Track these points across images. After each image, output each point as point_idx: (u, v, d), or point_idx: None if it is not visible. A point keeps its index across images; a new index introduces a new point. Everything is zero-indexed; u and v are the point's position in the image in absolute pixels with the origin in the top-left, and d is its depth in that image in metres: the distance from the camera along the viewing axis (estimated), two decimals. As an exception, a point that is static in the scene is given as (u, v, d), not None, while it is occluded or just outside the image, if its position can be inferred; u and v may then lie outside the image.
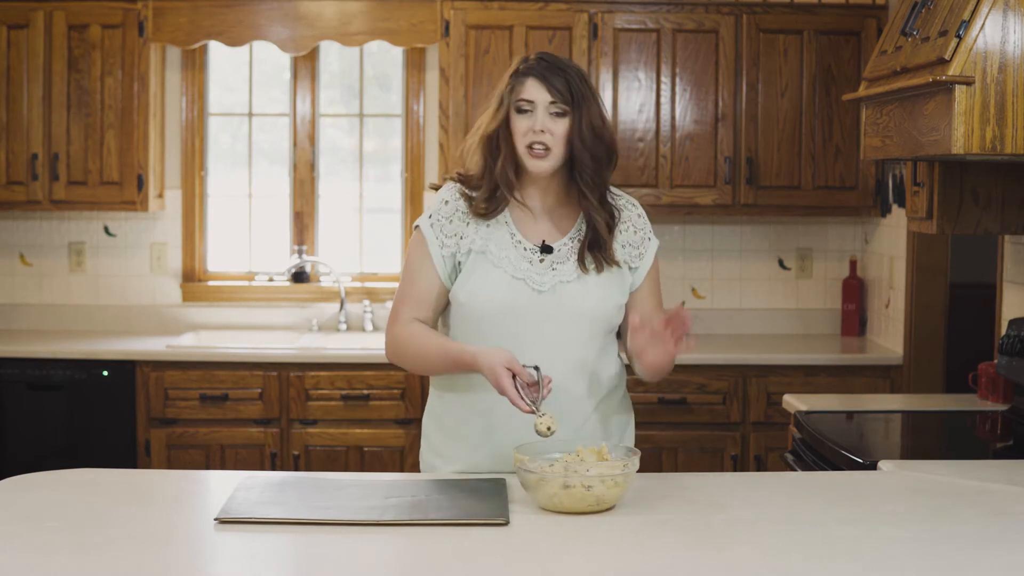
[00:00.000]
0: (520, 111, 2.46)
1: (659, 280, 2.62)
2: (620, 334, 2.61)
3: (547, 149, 2.45)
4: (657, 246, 2.60)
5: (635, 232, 2.56)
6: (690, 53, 4.71)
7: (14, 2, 4.68)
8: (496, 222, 2.50)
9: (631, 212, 2.58)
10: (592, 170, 2.48)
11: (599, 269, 2.49)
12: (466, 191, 2.51)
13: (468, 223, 2.49)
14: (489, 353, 2.33)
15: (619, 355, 2.61)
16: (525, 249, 2.48)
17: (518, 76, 2.47)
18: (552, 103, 2.44)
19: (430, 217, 2.52)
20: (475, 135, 2.54)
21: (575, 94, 2.45)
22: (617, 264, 2.51)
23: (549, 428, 2.28)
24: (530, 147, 2.45)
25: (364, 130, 5.19)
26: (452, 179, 2.57)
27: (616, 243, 2.52)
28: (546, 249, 2.49)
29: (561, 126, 2.45)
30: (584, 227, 2.52)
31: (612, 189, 2.57)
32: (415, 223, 2.55)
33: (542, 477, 2.16)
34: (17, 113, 4.71)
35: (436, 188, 2.60)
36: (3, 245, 5.07)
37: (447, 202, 2.52)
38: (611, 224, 2.51)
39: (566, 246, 2.51)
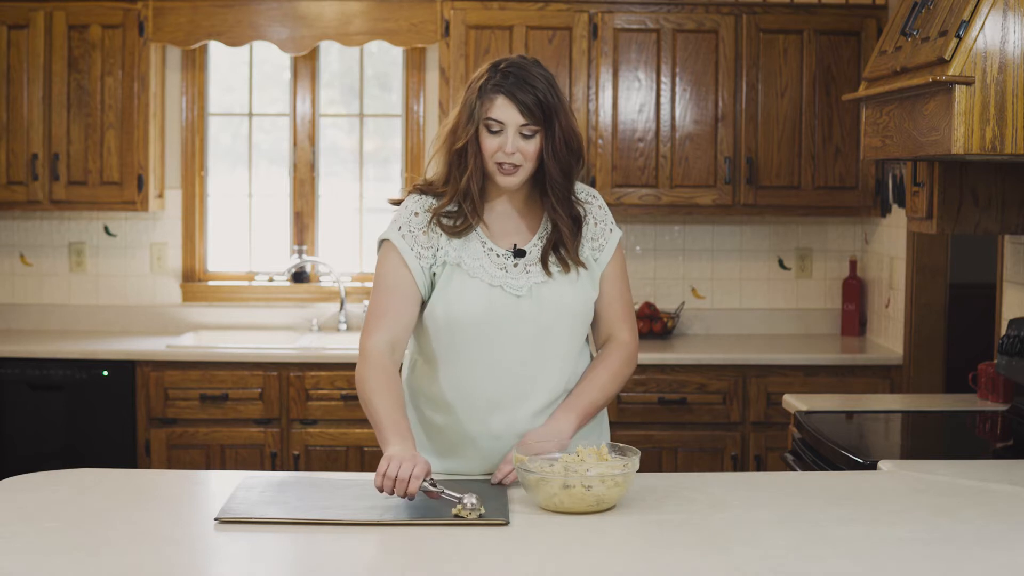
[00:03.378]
0: (490, 130, 2.40)
1: (624, 272, 2.58)
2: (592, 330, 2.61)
3: (517, 167, 2.42)
4: (620, 236, 2.57)
5: (596, 224, 2.54)
6: (690, 53, 4.71)
7: (14, 2, 4.68)
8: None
9: (592, 205, 2.56)
10: (561, 184, 2.45)
11: (565, 270, 2.47)
12: (435, 206, 2.46)
13: (441, 235, 2.45)
14: (399, 456, 2.21)
15: (591, 353, 2.61)
16: (497, 256, 2.46)
17: (487, 92, 2.40)
18: (524, 125, 2.39)
19: (400, 229, 2.46)
20: (439, 142, 2.49)
21: (546, 111, 2.39)
22: (583, 265, 2.49)
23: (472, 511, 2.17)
24: (500, 165, 2.41)
25: (364, 130, 5.19)
26: (415, 191, 2.52)
27: (582, 239, 2.51)
28: (519, 253, 2.47)
29: (532, 145, 2.40)
30: (548, 228, 2.50)
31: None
32: (382, 237, 2.49)
33: (542, 477, 2.16)
34: (17, 113, 4.71)
35: (397, 203, 2.55)
36: (3, 245, 5.07)
37: (417, 214, 2.47)
38: (577, 227, 2.49)
39: (536, 247, 2.48)
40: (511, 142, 2.39)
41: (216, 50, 5.07)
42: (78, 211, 4.96)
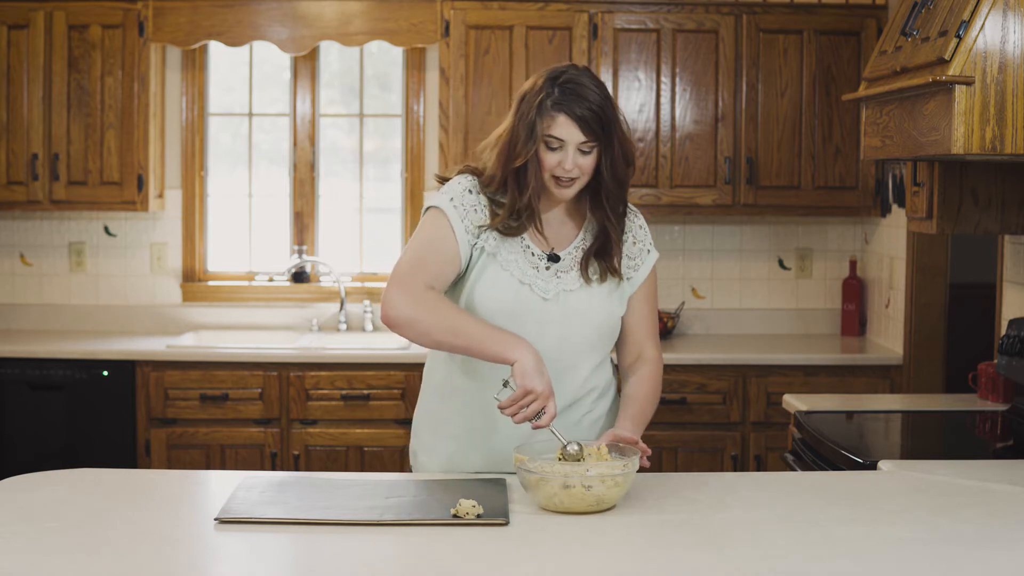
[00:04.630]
0: (549, 147, 2.39)
1: (655, 292, 2.60)
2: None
3: (574, 180, 2.42)
4: (656, 258, 2.59)
5: (634, 243, 2.56)
6: (690, 53, 4.71)
7: (14, 2, 4.68)
8: None
9: (633, 223, 2.57)
10: (616, 194, 2.46)
11: (602, 279, 2.48)
12: (488, 195, 2.46)
13: (487, 221, 2.45)
14: (539, 391, 2.26)
15: (611, 359, 2.61)
16: (533, 255, 2.46)
17: (547, 110, 2.37)
18: (583, 142, 2.38)
19: (452, 200, 2.44)
20: (496, 148, 2.45)
21: (605, 127, 2.38)
22: (620, 275, 2.50)
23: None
24: (557, 179, 2.41)
25: (364, 130, 5.19)
26: (467, 172, 2.50)
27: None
28: (553, 258, 2.47)
29: (589, 159, 2.40)
30: (588, 235, 2.51)
31: None
32: (431, 204, 2.46)
33: (542, 477, 2.16)
34: (17, 113, 4.71)
35: (443, 180, 2.53)
36: (3, 245, 5.07)
37: (471, 191, 2.45)
38: (621, 235, 2.50)
39: (571, 255, 2.49)
40: (571, 159, 2.38)
41: (216, 50, 5.07)
42: (78, 211, 4.96)
